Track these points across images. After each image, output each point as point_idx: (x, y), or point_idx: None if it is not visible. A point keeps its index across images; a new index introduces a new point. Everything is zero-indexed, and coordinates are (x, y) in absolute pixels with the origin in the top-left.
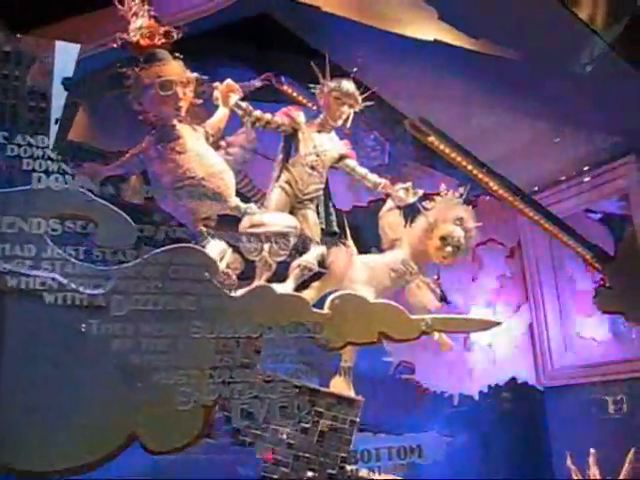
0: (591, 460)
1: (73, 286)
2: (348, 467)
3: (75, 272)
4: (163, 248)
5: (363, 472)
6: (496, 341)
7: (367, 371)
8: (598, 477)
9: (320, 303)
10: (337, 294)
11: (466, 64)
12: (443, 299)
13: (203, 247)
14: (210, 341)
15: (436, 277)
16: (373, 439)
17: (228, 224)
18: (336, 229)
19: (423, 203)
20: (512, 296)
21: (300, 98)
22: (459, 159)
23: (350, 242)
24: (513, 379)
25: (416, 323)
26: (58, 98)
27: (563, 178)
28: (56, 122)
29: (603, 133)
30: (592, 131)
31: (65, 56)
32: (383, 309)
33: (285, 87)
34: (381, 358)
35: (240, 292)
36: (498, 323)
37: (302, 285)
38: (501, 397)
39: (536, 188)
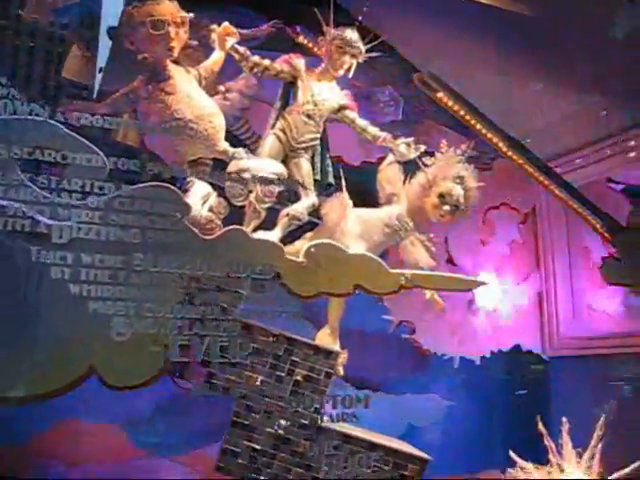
0: (564, 429)
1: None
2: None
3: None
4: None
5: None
6: (502, 307)
7: (366, 329)
8: (569, 445)
9: None
10: (314, 242)
11: (488, 22)
12: (450, 261)
13: (187, 189)
14: (155, 275)
15: (432, 235)
16: None
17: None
18: (332, 181)
19: (423, 159)
20: (522, 263)
21: (315, 49)
22: (468, 117)
23: (345, 195)
24: (517, 346)
25: (395, 277)
26: (104, 47)
27: (584, 144)
28: (100, 71)
29: (625, 99)
30: (614, 97)
31: (111, 4)
32: (360, 260)
33: (301, 37)
34: (381, 316)
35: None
36: (482, 283)
37: (295, 236)
38: (504, 363)
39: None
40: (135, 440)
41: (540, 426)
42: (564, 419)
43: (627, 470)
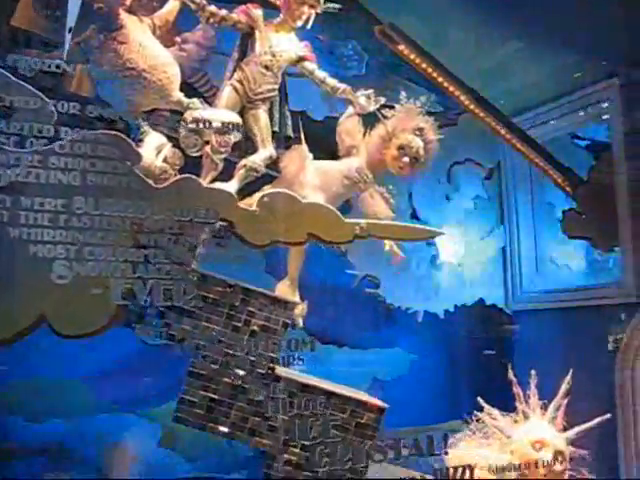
0: (532, 381)
1: None
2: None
3: None
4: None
5: (293, 372)
6: (466, 261)
7: (330, 284)
8: (536, 397)
9: None
10: (267, 191)
11: None
12: (414, 216)
13: (141, 140)
14: (96, 219)
15: (391, 187)
16: None
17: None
18: (290, 133)
19: (383, 111)
20: (487, 218)
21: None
22: (430, 70)
23: (304, 147)
24: (481, 300)
25: (349, 226)
26: (73, 5)
27: (546, 99)
28: (69, 31)
29: (587, 54)
30: (577, 52)
31: None
32: (314, 209)
33: None
34: (345, 270)
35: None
36: (439, 233)
37: (253, 188)
38: (467, 317)
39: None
40: (101, 395)
41: (510, 374)
42: (533, 372)
43: (588, 425)
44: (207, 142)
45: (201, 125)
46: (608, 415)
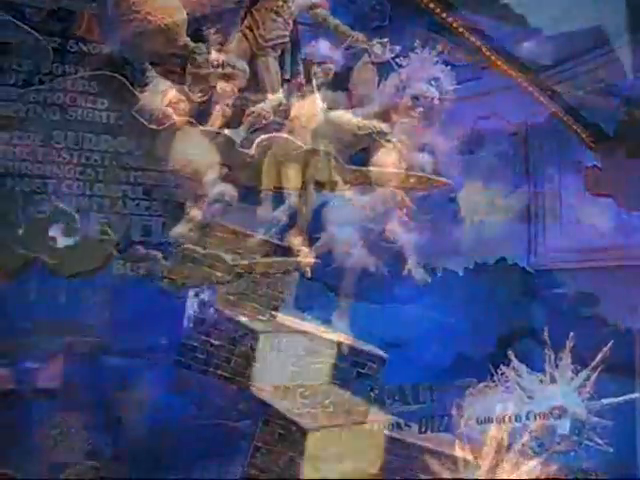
0: (567, 344)
1: None
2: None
3: None
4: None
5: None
6: (488, 219)
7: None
8: (569, 360)
9: None
10: (266, 136)
11: None
12: (435, 170)
13: (146, 84)
14: (74, 154)
15: (404, 137)
16: None
17: None
18: (302, 81)
19: (397, 60)
20: (511, 175)
21: None
22: (450, 20)
23: (317, 95)
24: (503, 259)
25: (350, 173)
26: None
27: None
28: None
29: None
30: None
31: None
32: (314, 155)
33: None
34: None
35: None
36: (447, 183)
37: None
38: (488, 276)
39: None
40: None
41: (545, 335)
42: (571, 334)
43: (616, 400)
44: (213, 87)
45: (206, 70)
46: (637, 394)
